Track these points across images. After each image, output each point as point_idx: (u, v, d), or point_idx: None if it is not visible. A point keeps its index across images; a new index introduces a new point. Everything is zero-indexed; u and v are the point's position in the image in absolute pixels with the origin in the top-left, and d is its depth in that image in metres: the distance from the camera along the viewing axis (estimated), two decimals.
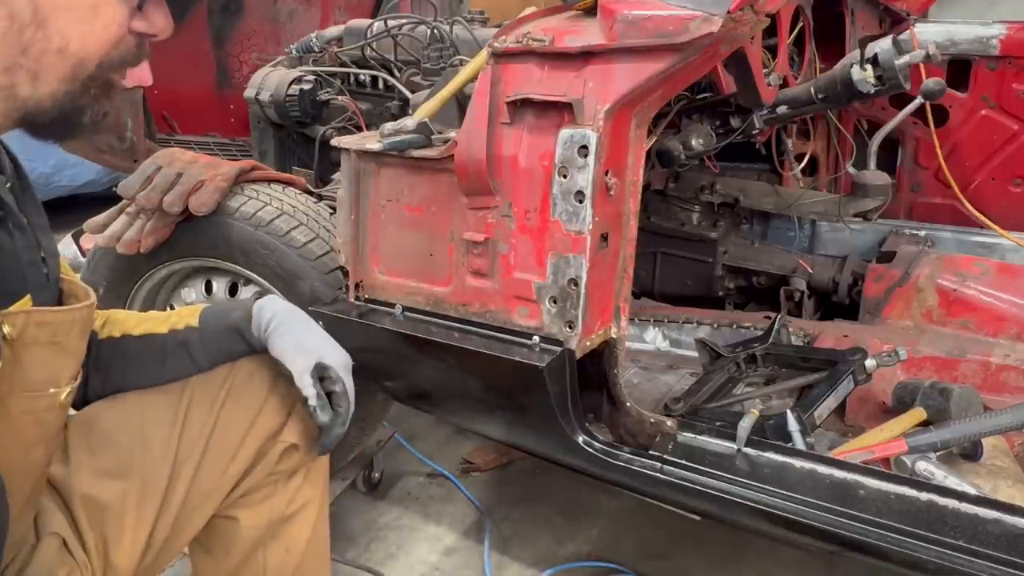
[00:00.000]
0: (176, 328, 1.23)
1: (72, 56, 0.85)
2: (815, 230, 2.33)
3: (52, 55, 0.84)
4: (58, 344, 0.94)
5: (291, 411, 1.25)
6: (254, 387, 1.23)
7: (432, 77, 1.95)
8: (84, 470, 1.11)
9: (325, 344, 1.24)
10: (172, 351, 1.21)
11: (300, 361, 1.19)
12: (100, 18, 0.85)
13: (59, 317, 0.94)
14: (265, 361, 1.24)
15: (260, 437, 1.22)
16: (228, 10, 2.96)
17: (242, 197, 1.77)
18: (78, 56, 0.85)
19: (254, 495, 1.24)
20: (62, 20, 0.83)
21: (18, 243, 0.91)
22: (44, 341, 0.91)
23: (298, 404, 1.24)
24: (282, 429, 1.24)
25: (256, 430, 1.22)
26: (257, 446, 1.21)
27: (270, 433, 1.23)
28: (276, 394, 1.24)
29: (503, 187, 1.38)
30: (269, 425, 1.23)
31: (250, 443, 1.21)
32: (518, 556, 1.94)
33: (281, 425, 1.24)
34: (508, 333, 1.41)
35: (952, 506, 1.21)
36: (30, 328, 0.90)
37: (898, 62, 1.59)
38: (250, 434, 1.21)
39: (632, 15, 1.23)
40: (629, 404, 1.47)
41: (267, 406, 1.23)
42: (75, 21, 0.84)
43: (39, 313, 0.91)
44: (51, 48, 0.83)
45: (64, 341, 0.95)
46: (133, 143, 2.36)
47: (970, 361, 1.68)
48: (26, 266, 0.91)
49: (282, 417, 1.24)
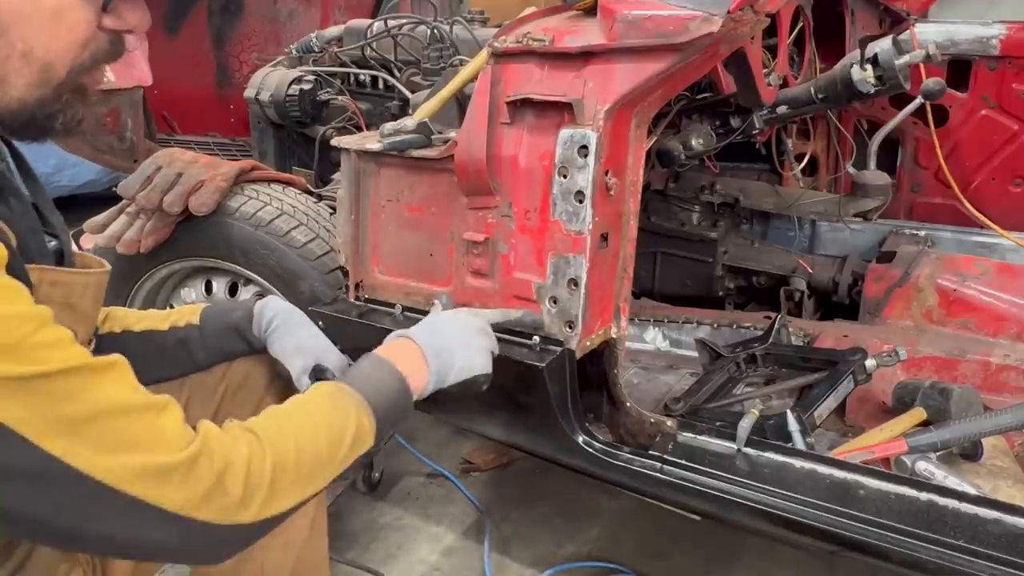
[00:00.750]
0: (177, 326, 1.23)
1: (38, 60, 0.85)
2: (815, 230, 2.34)
3: (17, 60, 0.84)
4: (71, 306, 0.94)
5: None
6: (251, 385, 1.24)
7: (432, 77, 1.95)
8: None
9: (324, 347, 1.25)
10: (172, 348, 1.22)
11: (299, 362, 1.21)
12: (63, 22, 0.86)
13: (73, 279, 0.95)
14: (261, 360, 1.25)
15: None
16: (228, 10, 2.96)
17: (242, 197, 1.77)
18: (44, 60, 0.85)
19: None
20: (23, 26, 0.83)
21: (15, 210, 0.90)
22: (57, 301, 0.91)
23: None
24: None
25: None
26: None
27: None
28: (272, 393, 1.25)
29: (503, 187, 1.38)
30: None
31: None
32: (518, 556, 1.94)
33: None
34: (508, 333, 1.41)
35: (952, 506, 1.21)
36: (43, 286, 0.89)
37: (898, 62, 1.59)
38: None
39: (632, 15, 1.23)
40: (629, 404, 1.47)
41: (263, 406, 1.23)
42: (37, 27, 0.84)
43: (53, 272, 0.92)
44: (15, 54, 0.84)
45: (78, 303, 0.96)
46: (133, 143, 2.36)
47: (970, 361, 1.68)
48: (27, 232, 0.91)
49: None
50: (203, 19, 2.93)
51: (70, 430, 0.74)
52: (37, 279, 0.88)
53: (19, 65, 0.84)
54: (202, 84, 2.98)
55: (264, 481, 0.86)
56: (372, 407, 1.00)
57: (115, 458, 0.76)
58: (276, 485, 0.87)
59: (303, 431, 0.92)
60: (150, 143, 2.42)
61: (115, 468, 0.76)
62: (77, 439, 0.74)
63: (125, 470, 0.76)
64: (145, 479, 0.77)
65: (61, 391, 0.75)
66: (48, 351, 0.75)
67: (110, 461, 0.76)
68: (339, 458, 0.94)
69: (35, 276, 0.88)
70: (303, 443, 0.91)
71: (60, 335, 0.77)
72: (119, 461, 0.76)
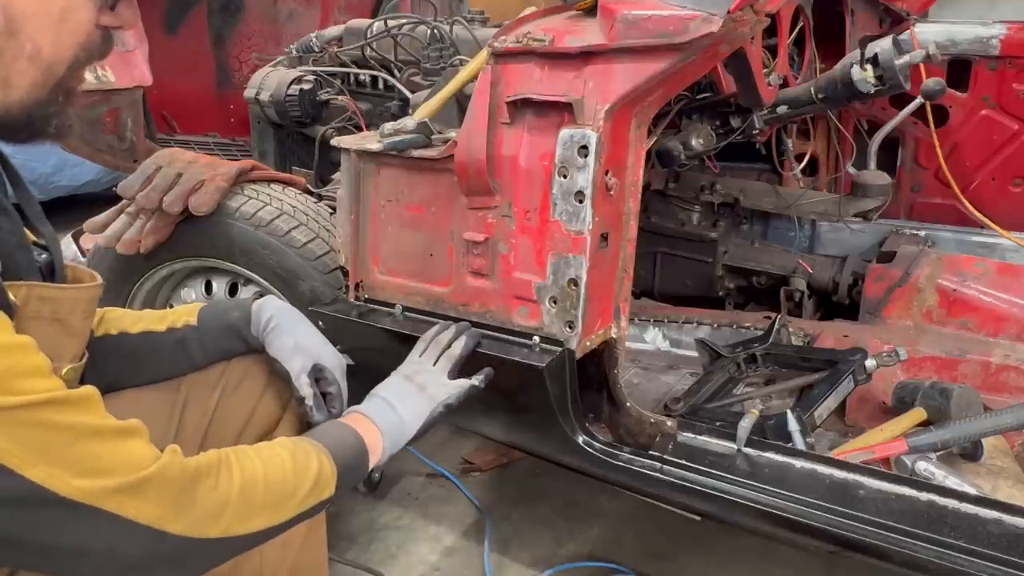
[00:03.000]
0: (174, 327, 1.23)
1: (44, 62, 0.85)
2: (815, 230, 2.34)
3: (24, 61, 0.84)
4: (61, 322, 0.94)
5: (285, 410, 1.26)
6: (248, 386, 1.24)
7: (432, 77, 1.95)
8: None
9: (322, 346, 1.26)
10: (170, 349, 1.22)
11: (298, 361, 1.21)
12: (69, 22, 0.86)
13: (62, 294, 0.95)
14: (259, 360, 1.25)
15: (255, 435, 1.23)
16: (228, 10, 2.96)
17: (242, 197, 1.77)
18: (49, 61, 0.86)
19: None
20: (33, 27, 0.83)
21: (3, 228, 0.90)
22: (46, 316, 0.91)
23: (292, 403, 1.25)
24: (276, 426, 1.25)
25: (251, 428, 1.23)
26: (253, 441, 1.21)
27: (264, 431, 1.24)
28: (270, 393, 1.25)
29: (503, 187, 1.38)
30: (263, 424, 1.24)
31: (245, 441, 1.20)
32: (518, 556, 1.94)
33: (275, 423, 1.25)
34: (508, 333, 1.41)
35: (952, 506, 1.21)
36: (32, 302, 0.89)
37: (898, 62, 1.59)
38: (245, 432, 1.22)
39: (632, 15, 1.23)
40: (629, 404, 1.47)
41: (261, 405, 1.24)
42: (46, 27, 0.84)
43: (41, 288, 0.92)
44: (23, 55, 0.84)
45: (67, 319, 0.95)
46: (133, 143, 2.35)
47: (970, 361, 1.68)
48: (14, 249, 0.91)
49: (276, 415, 1.25)
50: (203, 19, 2.93)
51: (50, 459, 0.77)
52: (25, 295, 0.88)
53: (25, 66, 0.84)
54: (202, 84, 2.97)
55: (233, 495, 0.89)
56: (333, 456, 1.04)
57: (92, 480, 0.79)
58: (246, 501, 0.91)
59: (271, 461, 0.96)
60: (150, 143, 2.41)
61: (93, 489, 0.79)
62: (57, 466, 0.77)
63: (102, 490, 0.80)
64: (120, 495, 0.81)
65: (42, 421, 0.77)
66: (30, 381, 0.77)
67: (88, 483, 0.79)
68: (303, 493, 0.98)
69: (23, 292, 0.88)
70: (271, 470, 0.95)
71: (40, 364, 0.80)
72: (96, 483, 0.80)
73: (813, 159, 2.36)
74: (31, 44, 0.84)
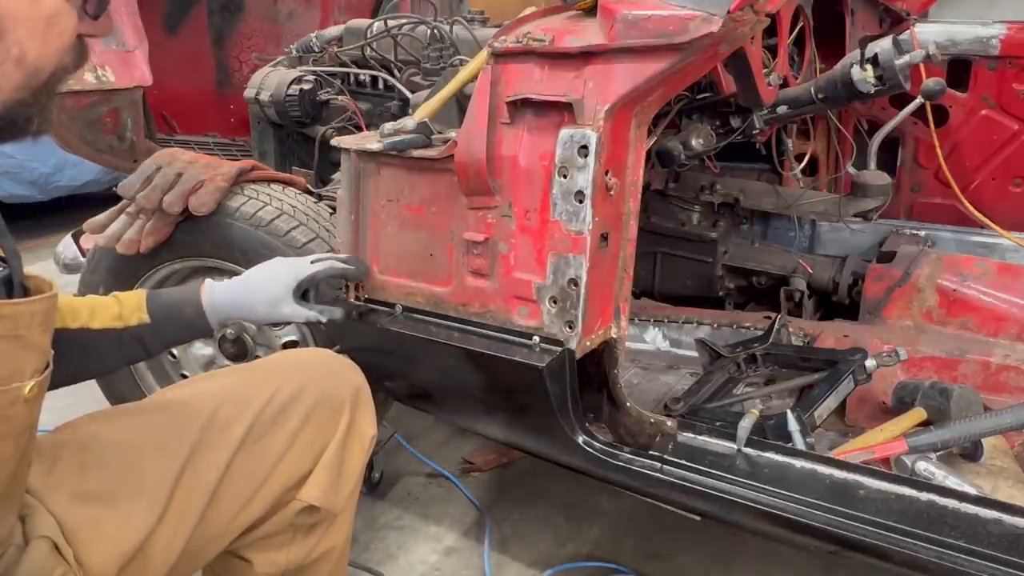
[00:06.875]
0: (129, 324, 1.28)
1: (30, 65, 0.85)
2: (815, 230, 2.34)
3: (10, 65, 0.84)
4: (19, 338, 0.91)
5: (315, 463, 1.23)
6: (275, 434, 1.20)
7: (432, 77, 1.95)
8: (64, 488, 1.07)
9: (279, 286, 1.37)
10: (128, 344, 1.28)
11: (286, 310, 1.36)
12: (55, 27, 0.86)
13: (18, 309, 0.91)
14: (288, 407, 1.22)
15: (278, 487, 1.20)
16: (228, 10, 2.96)
17: (242, 197, 1.77)
18: (35, 65, 0.86)
19: (270, 540, 1.23)
20: (21, 31, 0.83)
21: None
22: (4, 335, 0.88)
23: (323, 458, 1.23)
24: (303, 482, 1.22)
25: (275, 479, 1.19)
26: (274, 496, 1.19)
27: (289, 484, 1.21)
28: (300, 444, 1.22)
29: (503, 187, 1.38)
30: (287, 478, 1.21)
31: (266, 492, 1.18)
32: (518, 556, 1.94)
33: (303, 477, 1.22)
34: (508, 333, 1.41)
35: (952, 506, 1.21)
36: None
37: (898, 62, 1.59)
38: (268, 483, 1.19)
39: (632, 15, 1.23)
40: (629, 404, 1.47)
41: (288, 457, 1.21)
42: (33, 32, 0.84)
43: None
44: (10, 58, 0.84)
45: (26, 335, 0.92)
46: (133, 143, 2.35)
47: (970, 361, 1.68)
48: None
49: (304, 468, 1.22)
50: (203, 19, 2.93)
51: None
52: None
53: (10, 69, 0.84)
54: (202, 84, 2.97)
55: None
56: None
57: None
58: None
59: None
60: (150, 143, 2.41)
61: None
62: None
63: None
64: None
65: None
66: None
67: None
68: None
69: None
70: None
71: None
72: None
73: (813, 159, 2.36)
74: (18, 48, 0.83)
